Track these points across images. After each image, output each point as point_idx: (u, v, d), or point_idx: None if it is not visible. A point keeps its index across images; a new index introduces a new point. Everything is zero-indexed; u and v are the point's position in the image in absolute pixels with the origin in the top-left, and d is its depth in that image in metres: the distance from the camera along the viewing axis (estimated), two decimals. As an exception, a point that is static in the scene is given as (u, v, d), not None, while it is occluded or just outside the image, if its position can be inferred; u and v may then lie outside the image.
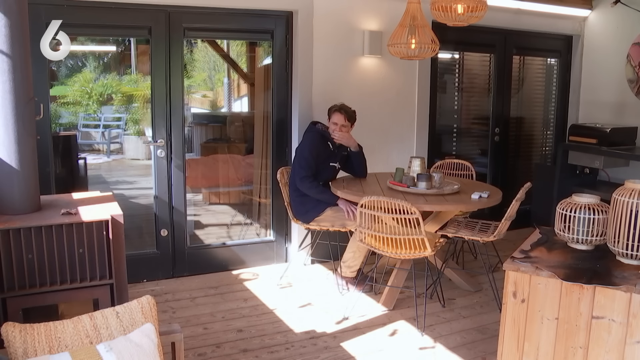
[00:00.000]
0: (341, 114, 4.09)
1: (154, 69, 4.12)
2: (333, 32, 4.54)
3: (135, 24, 4.07)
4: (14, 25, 2.35)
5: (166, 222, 4.29)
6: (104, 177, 8.29)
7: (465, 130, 5.76)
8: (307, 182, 4.03)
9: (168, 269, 4.34)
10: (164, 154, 4.22)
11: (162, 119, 4.17)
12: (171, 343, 2.07)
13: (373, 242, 3.59)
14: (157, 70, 4.11)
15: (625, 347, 2.05)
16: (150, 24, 4.04)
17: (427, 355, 3.27)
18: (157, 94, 4.15)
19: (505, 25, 5.35)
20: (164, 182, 4.25)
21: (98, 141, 9.79)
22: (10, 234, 2.28)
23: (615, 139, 5.05)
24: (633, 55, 5.28)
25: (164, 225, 4.30)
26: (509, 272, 2.26)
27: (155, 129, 4.19)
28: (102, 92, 9.66)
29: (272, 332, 3.51)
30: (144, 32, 4.16)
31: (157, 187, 4.25)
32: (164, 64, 4.11)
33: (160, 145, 4.20)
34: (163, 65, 4.11)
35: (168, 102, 4.16)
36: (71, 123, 9.56)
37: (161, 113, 4.16)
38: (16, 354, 1.71)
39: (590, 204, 2.34)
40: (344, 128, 4.09)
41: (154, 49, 4.09)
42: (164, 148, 4.21)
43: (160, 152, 4.21)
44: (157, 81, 4.12)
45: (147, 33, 4.10)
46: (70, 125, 9.53)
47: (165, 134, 4.19)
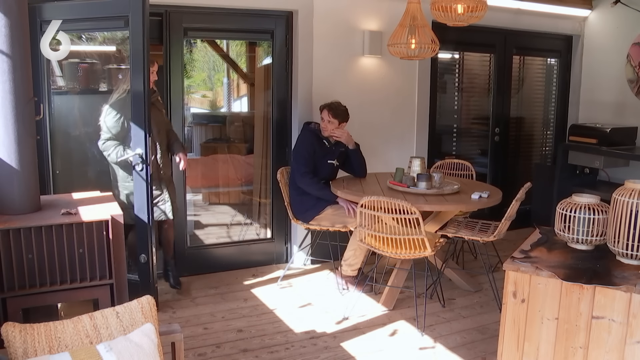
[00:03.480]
0: (327, 110, 4.11)
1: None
2: (333, 32, 4.54)
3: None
4: (14, 25, 2.35)
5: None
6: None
7: (465, 130, 5.76)
8: (308, 178, 4.04)
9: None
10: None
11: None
12: (171, 343, 2.07)
13: (373, 242, 3.59)
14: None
15: (625, 347, 2.05)
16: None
17: (427, 355, 3.27)
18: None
19: (505, 25, 5.35)
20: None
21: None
22: (10, 234, 2.28)
23: (615, 139, 5.05)
24: (633, 55, 5.28)
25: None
26: (509, 272, 2.26)
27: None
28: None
29: (272, 332, 3.51)
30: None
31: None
32: (164, 63, 4.11)
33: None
34: (163, 65, 4.10)
35: (168, 102, 4.16)
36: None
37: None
38: (16, 354, 1.71)
39: (590, 204, 2.34)
40: (330, 125, 4.10)
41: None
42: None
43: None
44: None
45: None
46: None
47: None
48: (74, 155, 4.07)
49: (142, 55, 3.24)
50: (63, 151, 3.94)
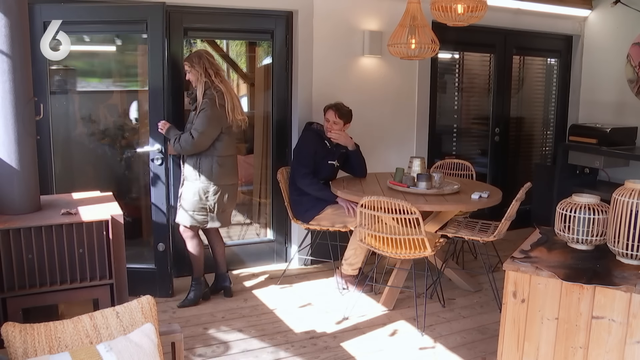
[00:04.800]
0: (333, 111, 4.11)
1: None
2: (333, 32, 4.54)
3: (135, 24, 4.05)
4: (14, 25, 2.36)
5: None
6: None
7: (465, 130, 5.76)
8: (308, 178, 4.04)
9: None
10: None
11: (162, 119, 4.15)
12: (171, 343, 2.07)
13: (373, 242, 3.59)
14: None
15: (625, 347, 2.05)
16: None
17: (427, 355, 3.27)
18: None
19: (505, 25, 5.35)
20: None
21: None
22: (10, 234, 2.28)
23: (615, 139, 5.05)
24: (633, 55, 5.27)
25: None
26: (509, 272, 2.26)
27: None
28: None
29: (272, 332, 3.51)
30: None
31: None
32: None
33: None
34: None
35: (168, 102, 4.14)
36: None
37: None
38: (16, 354, 1.71)
39: (590, 204, 2.34)
40: (335, 125, 4.11)
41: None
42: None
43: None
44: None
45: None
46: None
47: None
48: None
49: (161, 57, 3.70)
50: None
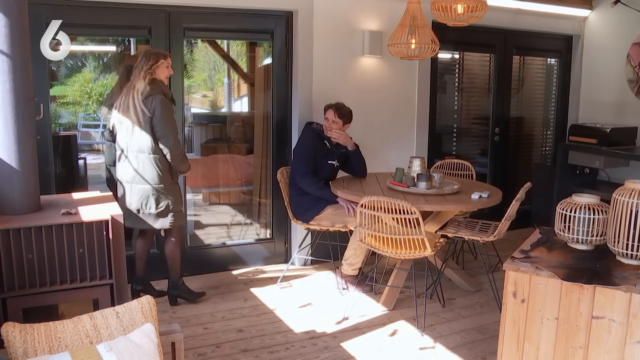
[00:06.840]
0: (332, 110, 4.11)
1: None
2: (333, 32, 4.54)
3: (135, 24, 4.06)
4: (14, 25, 2.35)
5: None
6: (104, 177, 8.27)
7: (465, 130, 5.76)
8: (308, 178, 4.04)
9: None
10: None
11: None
12: (171, 343, 2.07)
13: (373, 242, 3.59)
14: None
15: (625, 347, 2.04)
16: (150, 24, 4.03)
17: (427, 355, 3.27)
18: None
19: (505, 25, 5.35)
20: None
21: (98, 141, 9.76)
22: (10, 234, 2.28)
23: (615, 139, 5.05)
24: (633, 55, 5.27)
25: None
26: (509, 272, 2.26)
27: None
28: (102, 92, 9.64)
29: (272, 332, 3.51)
30: (144, 32, 4.16)
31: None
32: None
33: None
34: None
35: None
36: (71, 123, 9.54)
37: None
38: (16, 354, 1.71)
39: (590, 204, 2.34)
40: (334, 124, 4.11)
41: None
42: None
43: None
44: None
45: (147, 33, 4.10)
46: (70, 125, 9.51)
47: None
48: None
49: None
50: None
